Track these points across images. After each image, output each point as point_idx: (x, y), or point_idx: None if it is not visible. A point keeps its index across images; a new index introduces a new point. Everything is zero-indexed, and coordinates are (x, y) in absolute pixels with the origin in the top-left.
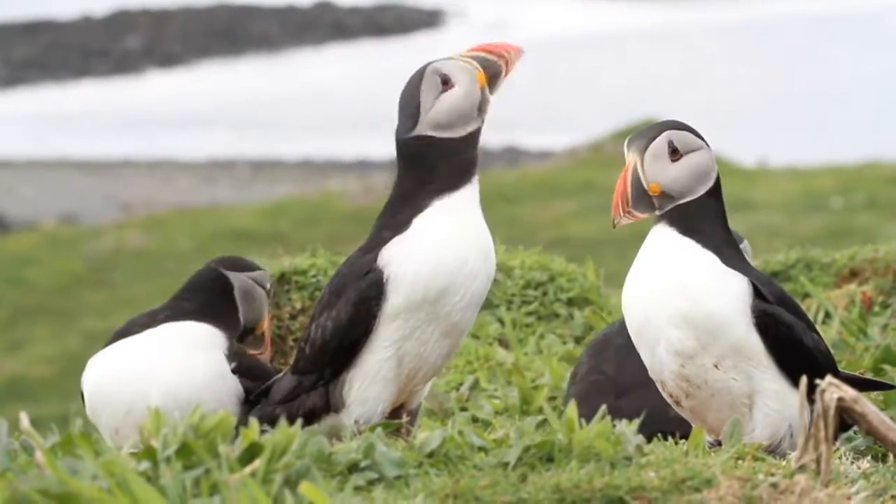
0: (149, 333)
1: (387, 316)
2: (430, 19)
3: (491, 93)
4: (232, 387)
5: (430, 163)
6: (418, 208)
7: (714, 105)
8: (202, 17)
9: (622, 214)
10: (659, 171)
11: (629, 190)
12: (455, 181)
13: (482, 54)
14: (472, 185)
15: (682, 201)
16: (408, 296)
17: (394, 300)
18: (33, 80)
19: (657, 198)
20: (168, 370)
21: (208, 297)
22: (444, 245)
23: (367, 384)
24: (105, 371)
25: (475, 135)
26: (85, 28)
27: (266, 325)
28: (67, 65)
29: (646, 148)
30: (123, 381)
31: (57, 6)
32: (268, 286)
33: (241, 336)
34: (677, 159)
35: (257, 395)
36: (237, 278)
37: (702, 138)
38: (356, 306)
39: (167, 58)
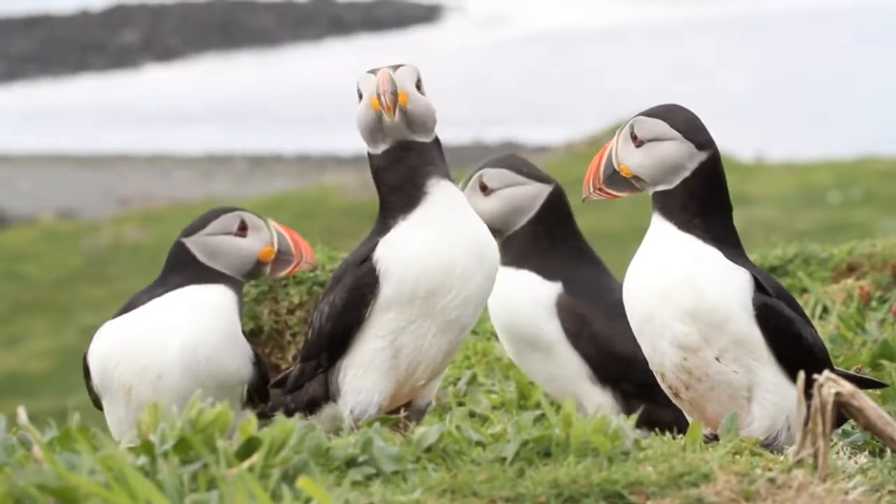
0: (165, 297)
1: (380, 306)
2: (428, 14)
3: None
4: (245, 348)
5: (373, 176)
6: (388, 226)
7: (711, 100)
8: (200, 11)
9: (591, 190)
10: (626, 155)
11: (602, 167)
12: (406, 201)
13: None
14: (429, 200)
15: (658, 188)
16: (397, 290)
17: (386, 291)
18: (31, 75)
19: (633, 180)
20: (188, 326)
21: (185, 269)
22: (430, 249)
23: (362, 373)
24: (122, 328)
25: (394, 153)
26: (82, 22)
27: (272, 245)
28: (65, 59)
29: (623, 129)
30: (142, 334)
31: (54, 1)
32: (235, 226)
33: (256, 273)
34: (638, 145)
35: (274, 385)
36: (193, 242)
37: (690, 131)
38: (351, 292)
39: (165, 52)
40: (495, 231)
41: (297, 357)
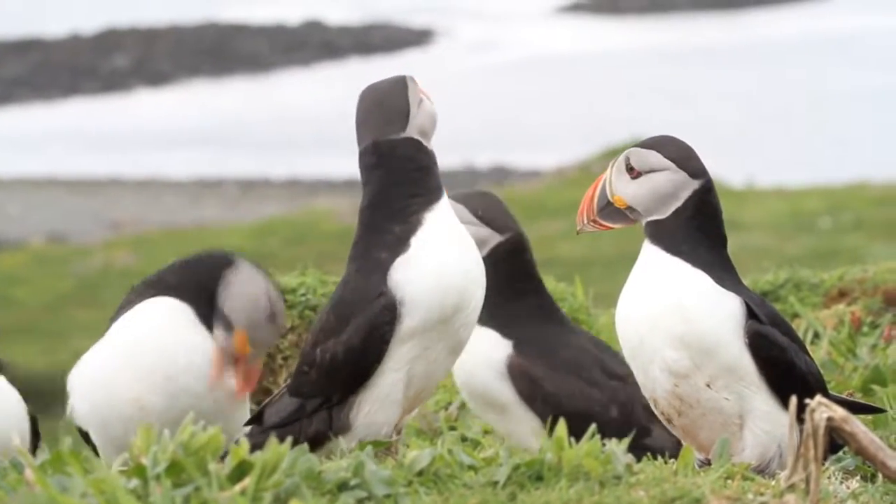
0: (143, 307)
1: (399, 339)
2: (418, 39)
3: None
4: None
5: (416, 170)
6: (411, 225)
7: (702, 125)
8: (191, 35)
9: (585, 222)
10: (621, 186)
11: (595, 199)
12: (437, 192)
13: None
14: (446, 197)
15: (651, 218)
16: (424, 317)
17: (408, 322)
18: (22, 99)
19: (628, 210)
20: (193, 327)
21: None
22: (450, 261)
23: (378, 407)
24: (123, 336)
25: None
26: (74, 46)
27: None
28: (56, 83)
29: (616, 161)
30: (149, 336)
31: (46, 25)
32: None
33: None
34: (635, 177)
35: (249, 421)
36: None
37: (683, 160)
38: (369, 331)
39: (156, 76)
40: None
41: (287, 384)
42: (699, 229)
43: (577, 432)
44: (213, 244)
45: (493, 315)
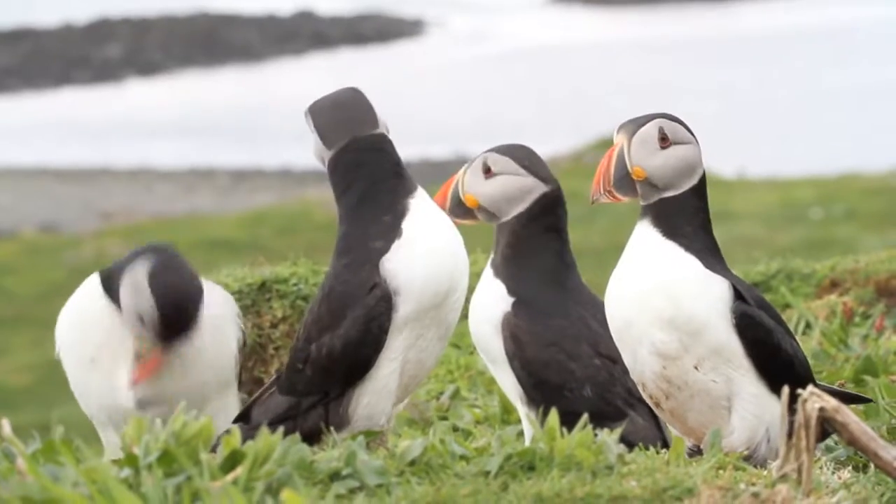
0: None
1: (396, 328)
2: (410, 29)
3: None
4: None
5: (396, 164)
6: (398, 212)
7: (691, 116)
8: (183, 25)
9: (602, 192)
10: (645, 157)
11: (612, 169)
12: (414, 184)
13: None
14: (421, 188)
15: (665, 195)
16: (418, 303)
17: (404, 310)
18: (13, 88)
19: (641, 184)
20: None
21: None
22: (440, 246)
23: (376, 399)
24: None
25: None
26: (65, 36)
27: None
28: (48, 73)
29: (636, 131)
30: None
31: (37, 14)
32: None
33: None
34: (666, 147)
35: (237, 419)
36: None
37: (693, 136)
38: (367, 323)
39: (147, 66)
40: (490, 216)
41: (276, 383)
42: (703, 209)
43: (548, 403)
44: (205, 234)
45: (504, 269)
